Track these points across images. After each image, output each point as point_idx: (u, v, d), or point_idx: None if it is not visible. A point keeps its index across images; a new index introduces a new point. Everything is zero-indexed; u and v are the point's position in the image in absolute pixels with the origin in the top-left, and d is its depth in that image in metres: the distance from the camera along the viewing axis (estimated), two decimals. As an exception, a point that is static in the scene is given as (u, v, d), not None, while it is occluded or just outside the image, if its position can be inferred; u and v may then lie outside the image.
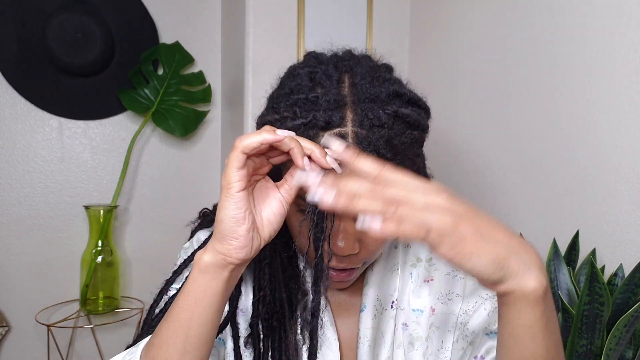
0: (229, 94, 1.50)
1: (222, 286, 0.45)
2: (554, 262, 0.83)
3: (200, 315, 0.45)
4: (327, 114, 0.48)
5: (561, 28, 0.93)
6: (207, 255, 0.44)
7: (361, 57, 0.55)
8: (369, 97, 0.49)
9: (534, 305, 0.39)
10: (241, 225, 0.43)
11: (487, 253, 0.37)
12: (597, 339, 0.71)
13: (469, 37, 1.19)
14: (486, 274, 0.38)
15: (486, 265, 0.37)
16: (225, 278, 0.45)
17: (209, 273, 0.44)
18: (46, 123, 1.41)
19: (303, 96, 0.50)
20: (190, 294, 0.45)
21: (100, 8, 1.41)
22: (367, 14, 1.39)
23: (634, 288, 0.72)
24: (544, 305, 0.40)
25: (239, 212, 0.43)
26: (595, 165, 0.86)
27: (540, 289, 0.39)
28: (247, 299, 0.61)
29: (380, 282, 0.64)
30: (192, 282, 0.45)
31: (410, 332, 0.61)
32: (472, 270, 0.38)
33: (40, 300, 1.40)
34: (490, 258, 0.37)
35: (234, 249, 0.44)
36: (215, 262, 0.44)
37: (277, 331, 0.57)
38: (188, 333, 0.45)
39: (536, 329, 0.40)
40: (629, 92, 0.80)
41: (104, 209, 1.35)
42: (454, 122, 1.23)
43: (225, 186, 0.43)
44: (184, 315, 0.45)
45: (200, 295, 0.45)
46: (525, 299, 0.39)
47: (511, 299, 0.40)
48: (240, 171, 0.42)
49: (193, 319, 0.45)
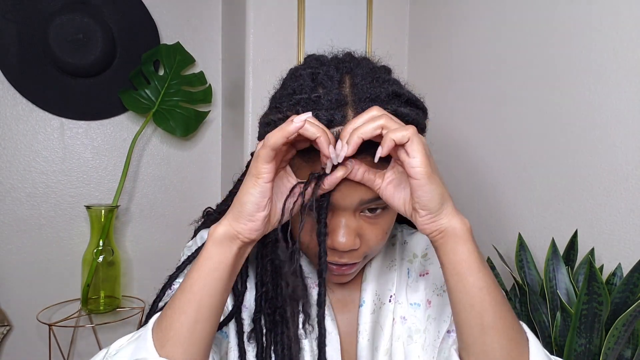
0: (229, 94, 1.50)
1: (232, 259, 0.48)
2: (552, 261, 0.83)
3: (212, 286, 0.48)
4: (329, 113, 0.50)
5: (561, 28, 0.93)
6: (222, 227, 0.48)
7: (361, 59, 0.57)
8: (369, 96, 0.51)
9: (465, 241, 0.48)
10: (261, 212, 0.47)
11: (439, 187, 0.47)
12: (596, 339, 0.71)
13: (468, 38, 1.19)
14: (435, 203, 0.47)
15: (435, 197, 0.47)
16: (235, 252, 0.48)
17: (222, 245, 0.48)
18: (48, 123, 1.41)
19: (305, 96, 0.51)
20: (203, 265, 0.48)
21: (101, 9, 1.41)
22: (367, 15, 1.40)
23: (632, 287, 0.73)
24: (473, 242, 0.49)
25: (263, 199, 0.47)
26: (594, 165, 0.86)
27: (465, 227, 0.48)
28: (250, 295, 0.62)
29: (379, 278, 0.65)
30: (205, 253, 0.48)
31: (409, 325, 0.62)
32: (428, 195, 0.46)
33: (42, 300, 1.41)
34: (439, 192, 0.47)
35: (248, 229, 0.48)
36: (229, 234, 0.48)
37: (279, 325, 0.59)
38: (200, 302, 0.47)
39: (472, 262, 0.48)
40: (628, 92, 0.81)
41: (105, 209, 1.36)
42: (453, 122, 1.23)
43: (255, 174, 0.46)
44: (197, 285, 0.47)
45: (214, 266, 0.48)
46: (456, 236, 0.48)
47: (445, 237, 0.48)
48: (269, 164, 0.46)
49: (205, 289, 0.47)
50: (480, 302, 0.48)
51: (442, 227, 0.48)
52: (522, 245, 0.91)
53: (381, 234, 0.56)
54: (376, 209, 0.54)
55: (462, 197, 1.19)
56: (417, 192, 0.46)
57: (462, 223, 0.48)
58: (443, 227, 0.48)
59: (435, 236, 0.49)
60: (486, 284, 0.48)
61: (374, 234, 0.55)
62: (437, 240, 0.49)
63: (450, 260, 0.49)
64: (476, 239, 0.50)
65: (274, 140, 0.45)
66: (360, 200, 0.52)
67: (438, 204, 0.47)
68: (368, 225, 0.55)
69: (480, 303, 0.48)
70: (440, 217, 0.48)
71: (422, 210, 0.48)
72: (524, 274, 0.89)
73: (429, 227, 0.48)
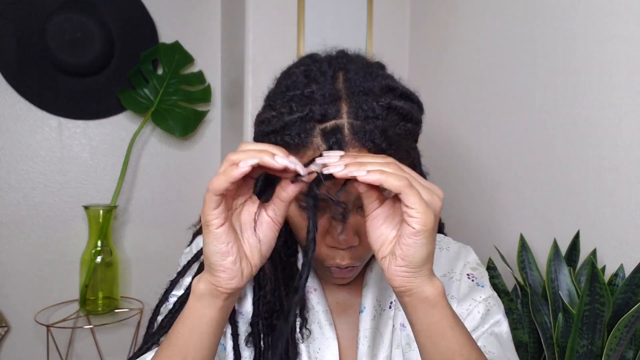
0: (228, 93, 1.50)
1: (217, 314, 0.47)
2: (554, 262, 0.83)
3: (198, 341, 0.47)
4: (322, 108, 0.49)
5: (561, 28, 0.93)
6: (202, 284, 0.46)
7: (354, 56, 0.57)
8: (363, 90, 0.50)
9: (435, 305, 0.45)
10: (226, 258, 0.44)
11: (430, 246, 0.43)
12: (598, 339, 0.71)
13: (469, 37, 1.19)
14: (418, 260, 0.43)
15: (421, 255, 0.43)
16: (219, 306, 0.46)
17: (204, 301, 0.46)
18: (45, 123, 1.41)
19: (299, 92, 0.51)
20: (187, 321, 0.47)
21: (99, 8, 1.40)
22: (367, 13, 1.39)
23: (634, 288, 0.72)
24: (445, 305, 0.45)
25: (222, 246, 0.43)
26: (596, 166, 0.86)
27: (437, 291, 0.45)
28: (247, 301, 0.62)
29: (379, 283, 0.64)
30: (188, 309, 0.47)
31: (408, 333, 0.62)
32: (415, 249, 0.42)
33: (40, 301, 1.40)
34: (427, 252, 0.43)
35: (223, 280, 0.45)
36: (209, 291, 0.46)
37: (276, 329, 0.58)
38: (186, 357, 0.46)
39: (444, 326, 0.45)
40: (629, 92, 0.80)
41: (103, 209, 1.35)
42: (454, 122, 1.23)
43: (204, 224, 0.43)
44: (182, 341, 0.47)
45: (197, 323, 0.46)
46: (427, 300, 0.45)
47: (414, 299, 0.45)
48: (216, 210, 0.43)
49: (190, 344, 0.46)
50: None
51: (412, 288, 0.44)
52: (524, 245, 0.91)
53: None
54: None
55: (464, 198, 1.18)
56: (405, 240, 0.42)
57: (434, 287, 0.44)
58: (413, 288, 0.44)
59: (402, 292, 0.45)
60: (459, 346, 0.46)
61: None
62: (403, 297, 0.45)
63: (421, 323, 0.46)
64: (478, 239, 0.49)
65: (216, 185, 0.41)
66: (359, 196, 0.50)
67: (421, 262, 0.43)
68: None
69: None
70: (415, 277, 0.44)
71: (401, 259, 0.43)
72: (525, 274, 0.89)
73: (399, 280, 0.44)
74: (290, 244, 0.63)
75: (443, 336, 0.46)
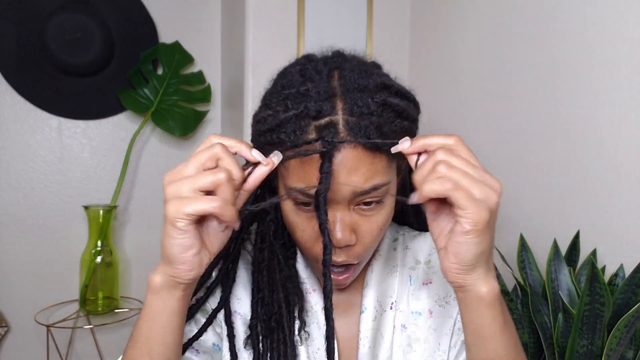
0: (228, 93, 1.49)
1: (176, 305, 0.46)
2: (554, 262, 0.83)
3: (160, 336, 0.47)
4: (317, 104, 0.49)
5: (561, 28, 0.93)
6: (158, 277, 0.45)
7: (350, 56, 0.57)
8: (358, 87, 0.50)
9: (488, 306, 0.45)
10: (188, 251, 0.43)
11: (482, 245, 0.43)
12: (598, 339, 0.71)
13: (469, 37, 1.19)
14: (469, 258, 0.43)
15: (473, 253, 0.42)
16: (178, 297, 0.46)
17: (162, 294, 0.45)
18: (45, 123, 1.41)
19: (294, 90, 0.51)
20: (146, 317, 0.47)
21: (99, 8, 1.40)
22: (367, 14, 1.39)
23: (634, 288, 0.72)
24: (497, 307, 0.45)
25: (186, 239, 0.43)
26: (596, 165, 0.86)
27: (493, 292, 0.45)
28: (245, 303, 0.62)
29: (380, 283, 0.64)
30: (146, 305, 0.47)
31: (409, 334, 0.61)
32: (466, 247, 0.42)
33: (40, 301, 1.40)
34: (479, 250, 0.43)
35: (182, 271, 0.44)
36: (166, 283, 0.45)
37: (275, 332, 0.58)
38: (151, 354, 0.47)
39: (495, 328, 0.45)
40: (629, 92, 0.80)
41: (103, 209, 1.35)
42: (454, 121, 1.23)
43: (169, 220, 0.42)
44: (144, 337, 0.47)
45: (157, 317, 0.46)
46: (481, 300, 0.45)
47: (467, 296, 0.45)
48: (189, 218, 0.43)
49: (152, 339, 0.47)
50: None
51: (465, 285, 0.45)
52: (524, 245, 0.91)
53: (376, 229, 0.54)
54: (371, 202, 0.52)
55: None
56: (457, 237, 0.42)
57: (488, 287, 0.44)
58: (466, 285, 0.45)
59: (456, 288, 0.46)
60: (506, 352, 0.46)
61: (369, 229, 0.54)
62: (457, 292, 0.46)
63: (472, 321, 0.46)
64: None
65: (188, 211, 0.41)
66: (354, 193, 0.50)
67: (473, 260, 0.43)
68: (363, 220, 0.53)
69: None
70: (468, 274, 0.44)
71: (453, 256, 0.44)
72: (525, 274, 0.89)
73: (452, 276, 0.45)
74: (288, 246, 0.63)
75: (492, 338, 0.46)
